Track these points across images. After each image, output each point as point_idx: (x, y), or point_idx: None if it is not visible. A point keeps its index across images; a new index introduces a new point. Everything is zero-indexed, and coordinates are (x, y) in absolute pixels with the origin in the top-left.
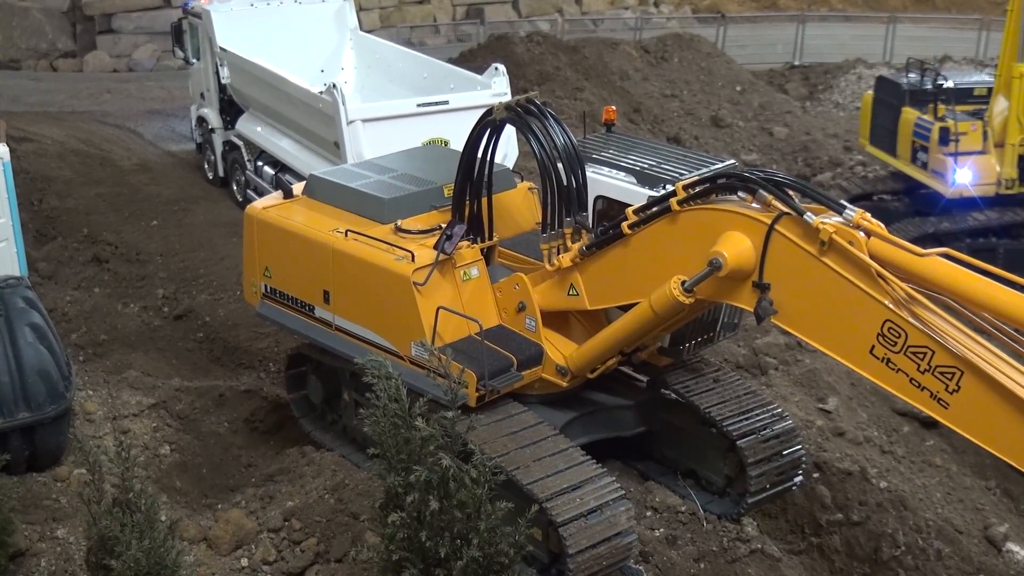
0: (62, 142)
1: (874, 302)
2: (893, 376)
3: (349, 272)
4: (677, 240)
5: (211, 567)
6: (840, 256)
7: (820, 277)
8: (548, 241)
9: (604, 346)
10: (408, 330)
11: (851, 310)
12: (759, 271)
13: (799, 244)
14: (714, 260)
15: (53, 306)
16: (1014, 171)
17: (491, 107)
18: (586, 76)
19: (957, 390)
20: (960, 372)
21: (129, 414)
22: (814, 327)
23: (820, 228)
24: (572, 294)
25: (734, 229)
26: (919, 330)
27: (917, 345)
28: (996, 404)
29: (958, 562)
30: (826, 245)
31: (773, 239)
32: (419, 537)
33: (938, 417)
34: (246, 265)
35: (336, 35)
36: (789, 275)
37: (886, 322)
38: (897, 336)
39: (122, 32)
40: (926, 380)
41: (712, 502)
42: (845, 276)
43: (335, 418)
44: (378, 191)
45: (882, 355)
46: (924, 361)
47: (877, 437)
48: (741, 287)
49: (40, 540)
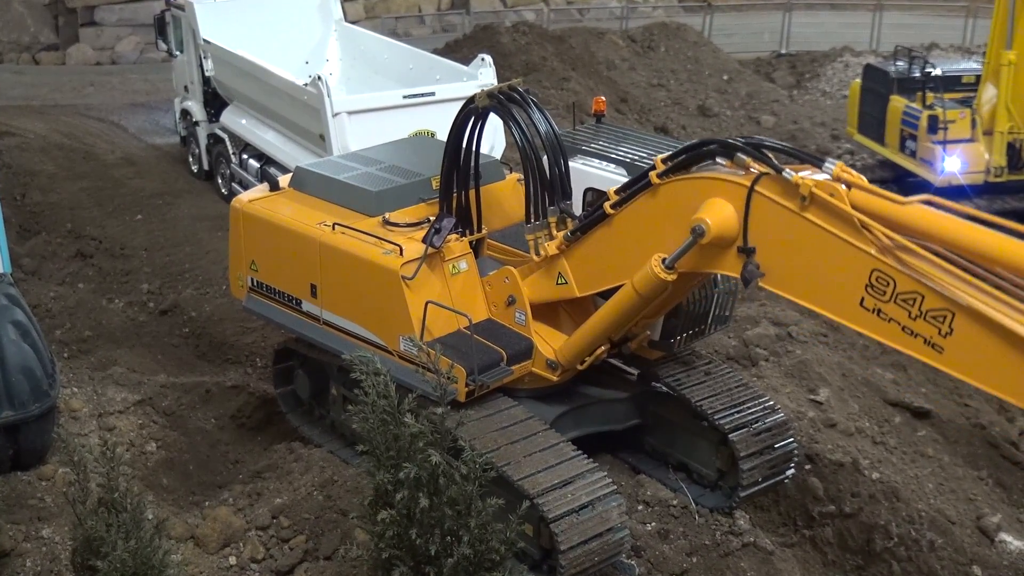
0: (45, 136)
1: (860, 252)
2: (885, 326)
3: (336, 266)
4: (659, 214)
5: (199, 566)
6: (822, 209)
7: (804, 233)
8: (533, 231)
9: (592, 334)
10: (396, 324)
11: (838, 264)
12: (743, 235)
13: (780, 202)
14: (697, 227)
15: (37, 302)
16: (1003, 159)
17: (473, 95)
18: (572, 66)
19: (950, 333)
20: (952, 314)
21: (114, 411)
22: (803, 286)
23: (800, 183)
24: (561, 283)
25: (715, 196)
26: (907, 276)
27: (906, 292)
28: (990, 341)
29: (951, 553)
30: (807, 200)
31: (754, 200)
32: (409, 534)
33: (934, 363)
34: (232, 259)
35: (321, 26)
36: (773, 235)
37: (873, 271)
38: (886, 285)
39: (105, 24)
40: (918, 326)
41: (704, 495)
42: (829, 229)
43: (323, 413)
44: (366, 184)
45: (872, 306)
46: (915, 307)
47: (869, 428)
48: (726, 254)
49: (25, 540)
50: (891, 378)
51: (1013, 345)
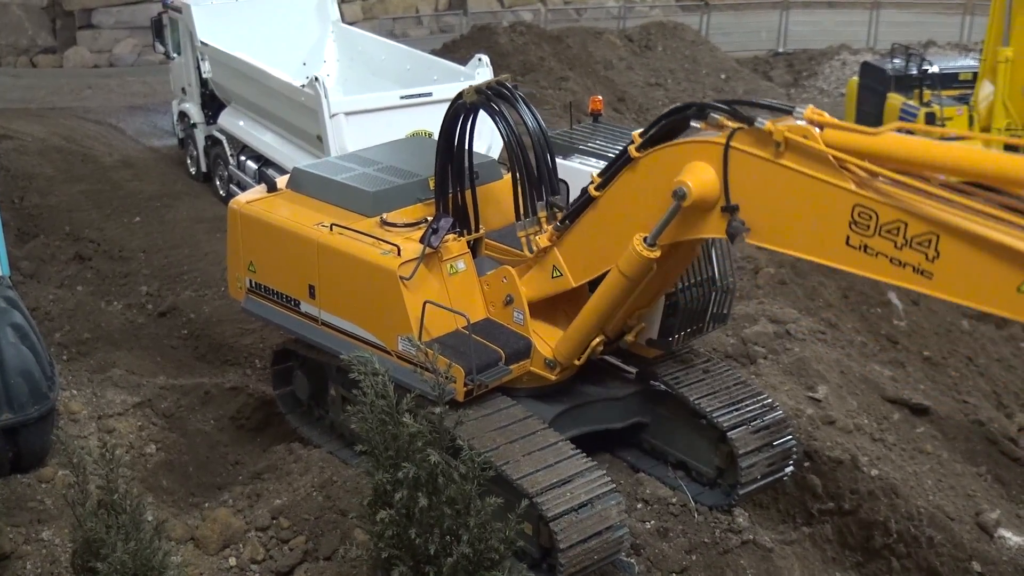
0: (43, 139)
1: (839, 190)
2: (873, 262)
3: (335, 267)
4: (642, 188)
5: (199, 567)
6: (797, 153)
7: (783, 180)
8: (525, 228)
9: (585, 326)
10: (395, 324)
11: (819, 205)
12: (725, 194)
13: (756, 153)
14: (678, 190)
15: (36, 305)
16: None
17: (461, 91)
18: (570, 66)
19: (937, 256)
20: (936, 236)
21: (114, 413)
22: (788, 235)
23: (773, 130)
24: (556, 276)
25: (694, 160)
26: (888, 205)
27: (889, 221)
28: (977, 257)
29: (950, 549)
30: (782, 145)
31: (731, 156)
32: (408, 534)
33: (925, 290)
34: (230, 260)
35: (318, 28)
36: (753, 188)
37: (855, 207)
38: (868, 219)
39: (102, 27)
40: (905, 255)
41: (703, 493)
42: (806, 172)
43: (322, 414)
44: (363, 184)
45: (858, 243)
46: (899, 236)
47: (867, 425)
48: (709, 217)
49: (25, 543)
50: (889, 375)
51: (999, 256)
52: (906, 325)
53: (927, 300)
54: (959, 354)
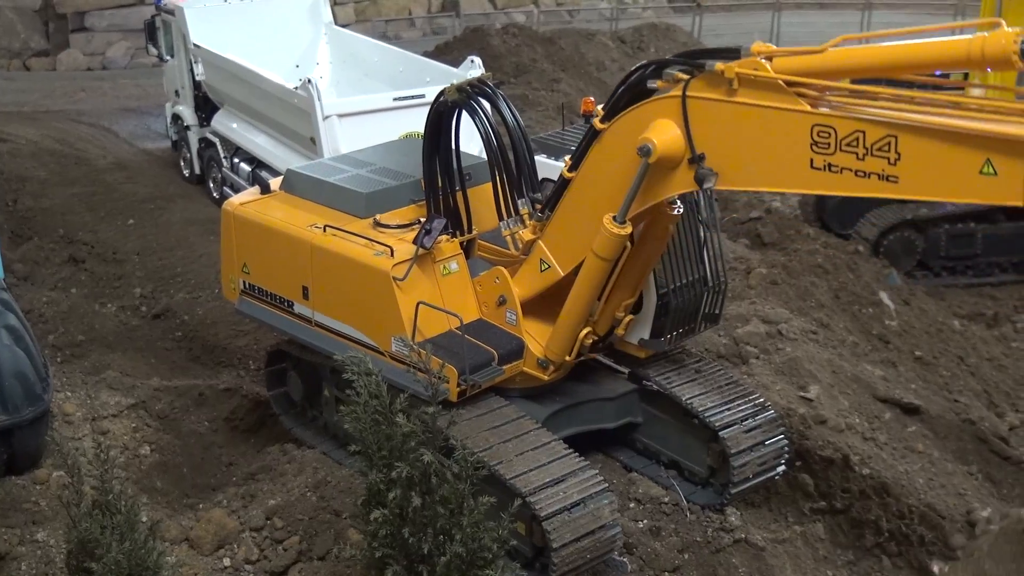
0: (36, 142)
1: (795, 114)
2: (839, 179)
3: (328, 268)
4: (611, 159)
5: (193, 567)
6: (750, 87)
7: (741, 118)
8: (510, 227)
9: (570, 318)
10: (388, 325)
11: (779, 134)
12: (690, 146)
13: (712, 97)
14: (642, 146)
15: (30, 307)
16: None
17: (443, 89)
18: (563, 67)
19: (899, 158)
20: (895, 138)
21: (108, 415)
22: (754, 172)
23: (723, 69)
24: (544, 268)
25: (655, 119)
26: (845, 118)
27: (848, 134)
28: (937, 149)
29: (941, 547)
30: (734, 82)
31: (690, 106)
32: (402, 533)
33: (893, 195)
34: (224, 261)
35: (311, 30)
36: (715, 133)
37: (814, 127)
38: (827, 136)
39: (95, 30)
40: (868, 164)
41: (695, 493)
42: (762, 104)
43: (316, 415)
44: (356, 185)
45: (822, 163)
46: (860, 146)
47: (859, 424)
48: (676, 173)
49: (20, 544)
50: (881, 374)
51: (957, 143)
52: (897, 325)
53: (919, 300)
54: (950, 353)
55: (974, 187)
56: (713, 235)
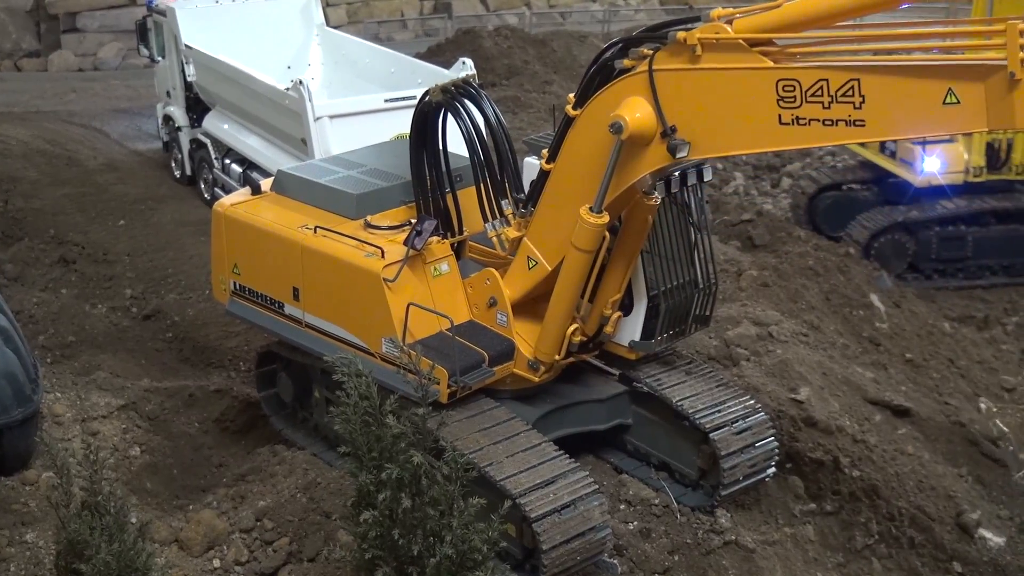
0: (27, 142)
1: (759, 71)
2: (808, 131)
3: (319, 269)
4: (585, 144)
5: (183, 569)
6: (714, 51)
7: (707, 83)
8: (495, 228)
9: (557, 315)
10: (378, 326)
11: (745, 94)
12: (660, 119)
13: (677, 67)
14: (614, 123)
15: (20, 308)
16: (982, 159)
17: (427, 90)
18: (555, 69)
19: (863, 101)
20: (857, 81)
21: (98, 416)
22: (725, 136)
23: (686, 37)
24: (532, 265)
25: (625, 97)
26: (807, 68)
27: (811, 84)
28: (899, 86)
29: (931, 549)
30: (697, 49)
31: (657, 80)
32: (392, 535)
33: (862, 138)
34: (215, 262)
35: (303, 31)
36: (683, 103)
37: (778, 82)
38: (792, 89)
39: (87, 31)
40: (834, 112)
41: (686, 494)
42: (726, 67)
43: (306, 416)
44: (347, 187)
45: (790, 118)
46: (824, 95)
47: (849, 426)
48: (649, 150)
49: (9, 545)
50: (871, 376)
51: (918, 77)
52: (888, 327)
53: (909, 303)
54: (940, 356)
55: (939, 118)
56: (704, 237)
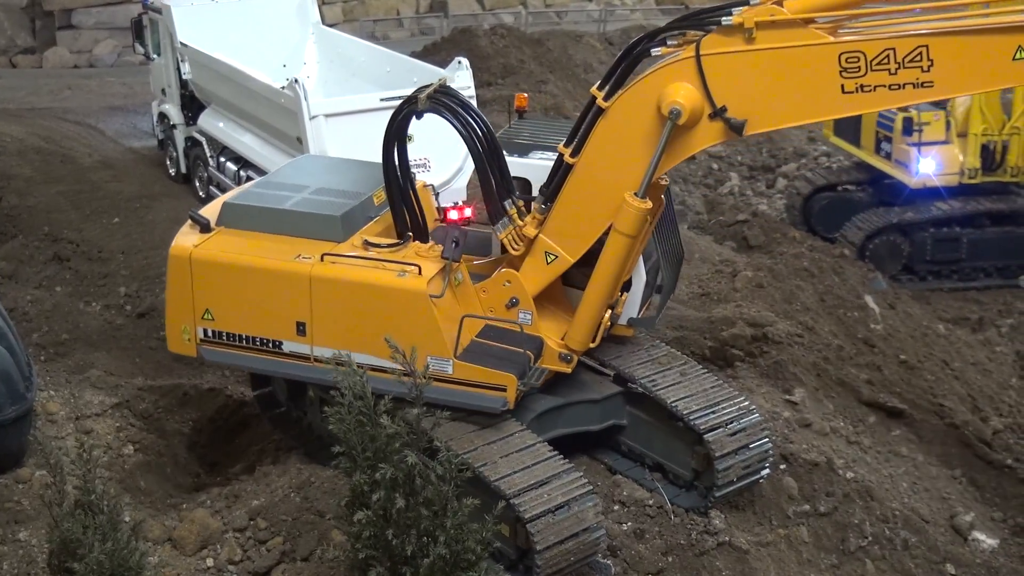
0: (22, 139)
1: (821, 47)
2: (873, 96)
3: (335, 298)
4: (621, 132)
5: (176, 568)
6: (769, 31)
7: (764, 62)
8: (504, 228)
9: (597, 301)
10: (423, 344)
11: (806, 69)
12: (709, 101)
13: (730, 50)
14: (672, 110)
15: (13, 305)
16: (977, 160)
17: (413, 96)
18: (550, 69)
19: (931, 64)
20: (926, 47)
21: (92, 414)
22: (783, 110)
23: (742, 20)
24: (551, 260)
25: (669, 84)
26: (873, 40)
27: (877, 54)
28: (969, 46)
29: (924, 551)
30: (753, 31)
31: (705, 64)
32: (385, 535)
33: (931, 97)
34: (173, 312)
35: (298, 30)
36: (737, 83)
37: (841, 55)
38: (856, 61)
39: (82, 27)
40: (902, 76)
41: (679, 495)
42: (785, 45)
43: (300, 415)
44: (324, 209)
45: (854, 87)
46: (891, 62)
47: (843, 428)
48: (698, 130)
49: (1, 543)
50: (865, 378)
51: (988, 35)
52: (882, 328)
53: (904, 304)
54: (935, 358)
55: (1010, 73)
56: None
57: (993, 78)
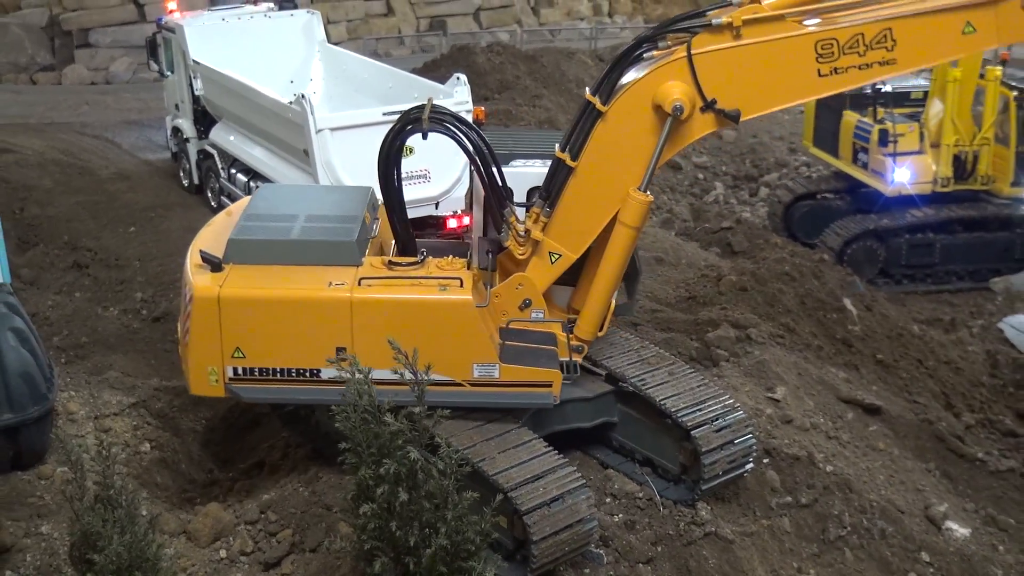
0: (42, 152)
1: (799, 37)
2: (845, 77)
3: (379, 320)
4: (621, 133)
5: (191, 559)
6: (754, 27)
7: (750, 56)
8: (508, 235)
9: (605, 293)
10: (471, 354)
11: (787, 58)
12: (701, 96)
13: (719, 47)
14: (675, 107)
15: (35, 311)
16: (949, 170)
17: (413, 114)
18: (544, 84)
19: (895, 43)
20: (889, 29)
21: (110, 413)
22: (768, 96)
23: (731, 19)
24: (556, 259)
25: (663, 83)
26: (844, 28)
27: (848, 39)
28: (925, 25)
29: (901, 540)
30: (739, 29)
31: (697, 61)
32: (389, 527)
33: (894, 72)
34: (197, 354)
35: (305, 47)
36: (726, 76)
37: (817, 43)
38: (830, 47)
39: (99, 46)
40: (870, 56)
41: (668, 489)
42: (768, 38)
43: (308, 414)
44: (339, 236)
45: (828, 70)
46: (860, 45)
47: (823, 424)
48: (691, 122)
49: (25, 536)
50: (844, 377)
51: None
52: (860, 330)
53: (880, 306)
54: (910, 357)
55: (960, 45)
56: None
57: (946, 50)
